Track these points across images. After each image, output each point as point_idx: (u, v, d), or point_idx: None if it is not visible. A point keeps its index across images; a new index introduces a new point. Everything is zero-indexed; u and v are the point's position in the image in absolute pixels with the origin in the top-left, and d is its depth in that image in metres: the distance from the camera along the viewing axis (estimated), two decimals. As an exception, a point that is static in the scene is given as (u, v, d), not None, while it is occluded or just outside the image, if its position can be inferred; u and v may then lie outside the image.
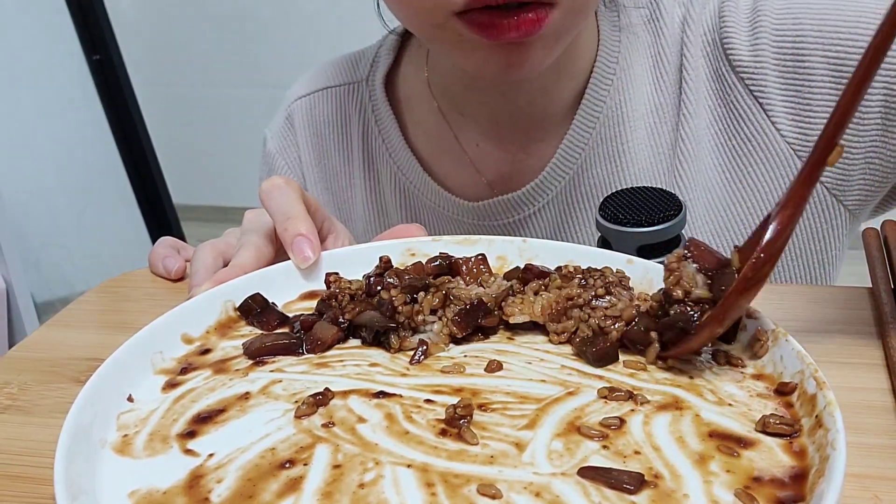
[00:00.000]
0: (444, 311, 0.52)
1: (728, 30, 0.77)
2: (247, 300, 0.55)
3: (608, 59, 0.79)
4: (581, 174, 0.81)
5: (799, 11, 0.74)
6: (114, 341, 0.49)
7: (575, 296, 0.51)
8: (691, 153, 0.79)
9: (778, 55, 0.75)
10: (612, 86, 0.79)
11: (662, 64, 0.80)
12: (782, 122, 0.76)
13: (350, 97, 0.92)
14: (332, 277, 0.57)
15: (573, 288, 0.52)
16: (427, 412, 0.44)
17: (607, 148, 0.80)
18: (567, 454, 0.40)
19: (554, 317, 0.51)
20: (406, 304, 0.52)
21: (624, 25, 0.80)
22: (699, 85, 0.78)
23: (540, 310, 0.51)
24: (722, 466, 0.39)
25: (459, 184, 0.85)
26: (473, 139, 0.84)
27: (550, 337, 0.51)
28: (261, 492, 0.39)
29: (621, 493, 0.38)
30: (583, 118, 0.79)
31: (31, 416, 0.51)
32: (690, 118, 0.78)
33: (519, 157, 0.83)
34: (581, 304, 0.51)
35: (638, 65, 0.80)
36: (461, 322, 0.51)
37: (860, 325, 0.56)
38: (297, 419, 0.44)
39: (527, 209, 0.82)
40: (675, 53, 0.79)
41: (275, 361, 0.50)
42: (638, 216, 0.60)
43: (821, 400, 0.41)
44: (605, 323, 0.50)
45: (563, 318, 0.51)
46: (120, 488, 0.40)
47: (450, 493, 0.38)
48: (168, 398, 0.47)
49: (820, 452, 0.38)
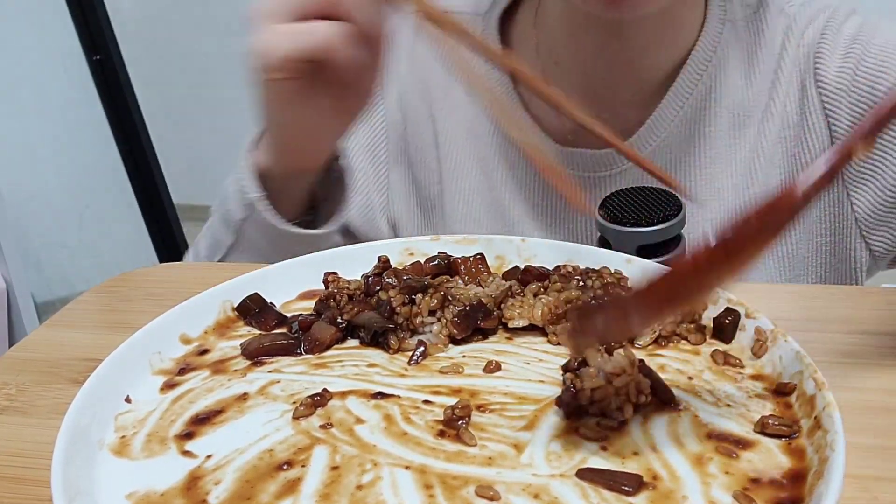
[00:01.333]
0: (442, 312, 0.52)
1: (823, 48, 0.80)
2: (245, 300, 0.55)
3: (709, 44, 0.81)
4: (663, 148, 0.82)
5: (887, 53, 0.78)
6: (112, 341, 0.49)
7: (574, 298, 0.51)
8: (769, 150, 0.81)
9: (856, 85, 0.78)
10: (706, 70, 0.81)
11: (757, 63, 0.82)
12: None
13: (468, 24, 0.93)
14: (330, 277, 0.57)
15: (572, 290, 0.52)
16: (425, 413, 0.44)
17: (692, 128, 0.82)
18: (566, 455, 0.40)
19: (553, 319, 0.51)
20: (404, 304, 0.52)
21: (729, 18, 0.83)
22: (788, 90, 0.81)
23: (540, 315, 0.51)
24: (720, 468, 0.39)
25: (547, 126, 0.86)
26: (564, 90, 0.85)
27: (549, 337, 0.51)
28: (259, 493, 0.39)
29: (620, 495, 0.38)
30: (676, 93, 0.81)
31: (28, 417, 0.51)
32: (776, 118, 0.81)
33: (604, 116, 0.84)
34: None
35: (734, 57, 0.82)
36: (460, 323, 0.51)
37: (860, 324, 0.55)
38: (295, 420, 0.44)
39: (605, 170, 0.83)
40: (772, 56, 0.82)
41: (273, 362, 0.50)
42: (638, 216, 0.60)
43: (820, 401, 0.41)
44: None
45: (562, 320, 0.51)
46: (118, 490, 0.40)
47: (448, 494, 0.38)
48: (166, 399, 0.47)
49: (819, 454, 0.38)
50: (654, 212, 0.60)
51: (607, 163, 0.83)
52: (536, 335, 0.52)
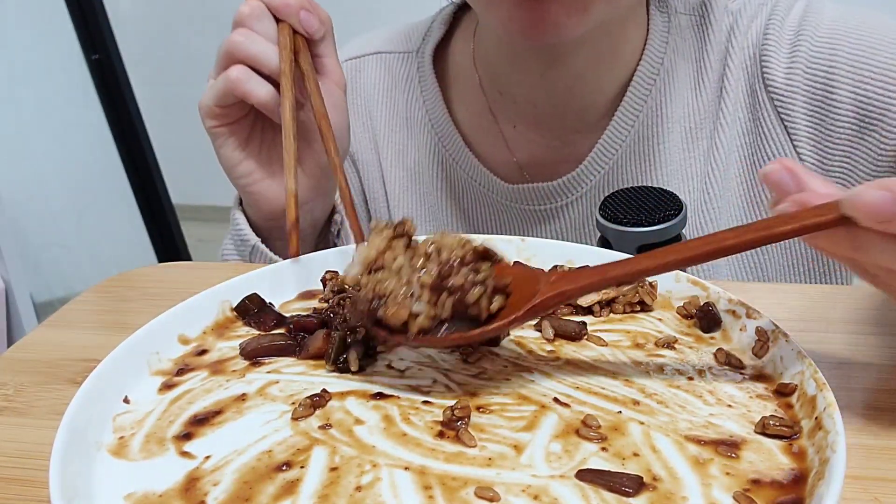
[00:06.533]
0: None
1: (768, 48, 0.77)
2: (244, 300, 0.55)
3: (654, 59, 0.80)
4: (616, 170, 0.81)
5: (837, 43, 0.75)
6: (110, 342, 0.48)
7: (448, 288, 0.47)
8: (723, 162, 0.80)
9: (809, 82, 0.76)
10: (654, 86, 0.80)
11: (705, 70, 0.80)
12: (804, 147, 0.77)
13: (399, 65, 0.92)
14: (328, 276, 0.57)
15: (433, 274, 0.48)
16: (425, 414, 0.44)
17: (643, 147, 0.81)
18: (566, 456, 0.40)
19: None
20: None
21: (673, 27, 0.81)
22: (737, 96, 0.79)
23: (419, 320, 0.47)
24: (721, 469, 0.39)
25: (497, 162, 0.86)
26: (510, 119, 0.85)
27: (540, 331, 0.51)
28: (257, 494, 0.39)
29: (620, 496, 0.37)
30: (623, 114, 0.80)
31: (26, 418, 0.51)
32: (726, 127, 0.79)
33: (554, 144, 0.84)
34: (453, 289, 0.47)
35: (682, 68, 0.81)
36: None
37: (861, 325, 0.55)
38: (293, 421, 0.44)
39: (560, 200, 0.83)
40: (718, 62, 0.80)
41: (272, 362, 0.50)
42: (638, 216, 0.60)
43: (821, 401, 0.41)
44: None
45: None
46: (116, 491, 0.40)
47: (447, 495, 0.38)
48: (164, 399, 0.47)
49: (820, 454, 0.38)
50: (654, 212, 0.60)
51: (561, 193, 0.82)
52: (533, 332, 0.52)
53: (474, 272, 0.46)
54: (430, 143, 0.89)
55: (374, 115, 0.92)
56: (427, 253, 0.46)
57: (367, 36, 0.97)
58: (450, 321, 0.45)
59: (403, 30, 0.94)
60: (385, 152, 0.92)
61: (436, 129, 0.88)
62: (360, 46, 0.95)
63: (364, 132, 0.92)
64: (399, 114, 0.91)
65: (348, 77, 0.92)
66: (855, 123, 0.75)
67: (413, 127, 0.90)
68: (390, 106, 0.92)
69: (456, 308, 0.45)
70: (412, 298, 0.45)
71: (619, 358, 0.49)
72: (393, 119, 0.92)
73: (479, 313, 0.45)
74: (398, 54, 0.92)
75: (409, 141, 0.90)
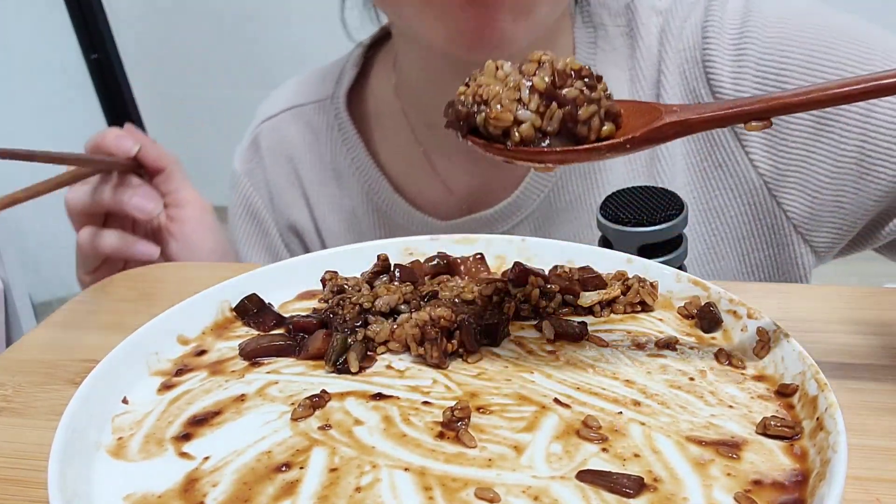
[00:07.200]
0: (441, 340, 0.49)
1: (711, 52, 0.74)
2: (243, 301, 0.55)
3: None
4: (557, 191, 0.79)
5: (787, 44, 0.72)
6: (109, 342, 0.48)
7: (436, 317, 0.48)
8: (667, 172, 0.77)
9: (759, 86, 0.73)
10: None
11: (639, 79, 0.78)
12: (757, 153, 0.75)
13: (317, 116, 0.90)
14: (328, 275, 0.57)
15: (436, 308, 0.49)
16: (425, 414, 0.44)
17: (583, 165, 0.78)
18: (566, 457, 0.40)
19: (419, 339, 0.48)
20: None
21: (601, 37, 0.78)
22: (676, 101, 0.76)
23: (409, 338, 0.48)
24: (722, 470, 0.39)
25: (431, 201, 0.84)
26: (444, 153, 0.83)
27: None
28: (257, 495, 0.38)
29: (621, 497, 0.37)
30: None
31: (25, 419, 0.51)
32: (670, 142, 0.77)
33: (490, 172, 0.81)
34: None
35: (615, 79, 0.78)
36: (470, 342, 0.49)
37: (862, 325, 0.55)
38: (293, 421, 0.44)
39: (501, 227, 0.81)
40: (652, 67, 0.77)
41: (271, 363, 0.50)
42: (639, 216, 0.60)
43: (822, 402, 0.41)
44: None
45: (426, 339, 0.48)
46: (115, 492, 0.39)
47: (447, 496, 0.38)
48: (163, 400, 0.47)
49: (821, 455, 0.38)
50: (655, 211, 0.60)
51: (501, 219, 0.81)
52: (534, 332, 0.52)
53: (590, 89, 0.42)
54: (362, 192, 0.87)
55: (301, 173, 0.91)
56: (540, 61, 0.43)
57: (278, 92, 0.95)
58: (553, 138, 0.42)
59: (314, 76, 0.92)
60: (318, 207, 0.90)
61: (363, 177, 0.86)
62: (273, 104, 0.93)
63: (294, 191, 0.91)
64: (326, 166, 0.89)
65: (268, 139, 0.92)
66: (811, 126, 0.73)
67: (342, 177, 0.88)
68: (316, 160, 0.90)
69: (565, 122, 0.41)
70: (519, 104, 0.42)
71: (619, 358, 0.48)
72: (322, 173, 0.90)
73: (587, 134, 0.42)
74: (313, 105, 0.90)
75: (340, 192, 0.89)
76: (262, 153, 0.93)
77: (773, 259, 0.78)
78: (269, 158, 0.92)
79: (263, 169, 0.93)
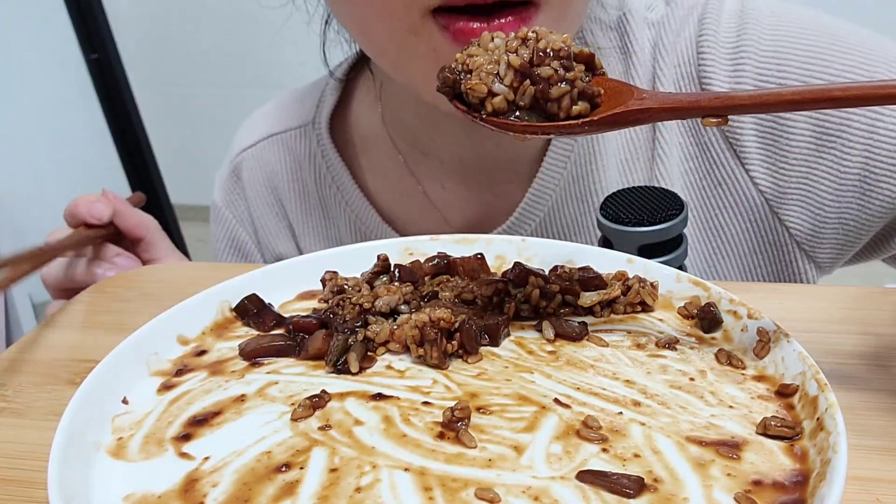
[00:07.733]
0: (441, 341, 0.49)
1: (707, 68, 0.73)
2: (243, 301, 0.55)
3: None
4: (553, 215, 0.78)
5: (784, 57, 0.71)
6: (109, 342, 0.48)
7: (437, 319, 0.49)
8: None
9: None
10: None
11: None
12: (757, 171, 0.74)
13: (298, 142, 0.87)
14: (328, 275, 0.57)
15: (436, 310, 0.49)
16: (425, 415, 0.44)
17: (579, 187, 0.77)
18: (566, 457, 0.40)
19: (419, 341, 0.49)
20: None
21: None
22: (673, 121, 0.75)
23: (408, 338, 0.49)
24: (722, 470, 0.39)
25: (423, 229, 0.81)
26: (438, 180, 0.81)
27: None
28: (256, 496, 0.38)
29: (621, 498, 0.37)
30: (553, 159, 0.76)
31: (25, 419, 0.51)
32: (665, 156, 0.75)
33: (486, 198, 0.80)
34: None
35: None
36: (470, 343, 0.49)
37: (862, 325, 0.55)
38: (293, 422, 0.44)
39: None
40: (647, 84, 0.75)
41: (271, 363, 0.50)
42: (639, 216, 0.60)
43: (822, 402, 0.40)
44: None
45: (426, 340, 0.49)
46: (114, 492, 0.39)
47: (448, 496, 0.38)
48: (163, 400, 0.47)
49: (821, 455, 0.38)
50: (655, 211, 0.60)
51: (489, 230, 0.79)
52: (534, 333, 0.52)
53: (565, 69, 0.45)
54: (349, 222, 0.85)
55: (284, 203, 0.88)
56: (525, 38, 0.46)
57: (253, 120, 0.92)
58: (527, 111, 0.45)
59: (291, 101, 0.89)
60: (304, 238, 0.88)
61: (350, 206, 0.84)
62: (250, 132, 0.91)
63: (279, 222, 0.89)
64: (311, 195, 0.87)
65: (249, 169, 0.89)
66: (812, 141, 0.71)
67: (328, 207, 0.86)
68: (299, 189, 0.87)
69: (536, 99, 0.45)
70: (496, 77, 0.45)
71: (619, 359, 0.48)
72: (306, 202, 0.87)
73: (556, 112, 0.45)
74: (293, 131, 0.87)
75: (326, 221, 0.86)
76: (244, 184, 0.90)
77: (777, 276, 0.78)
78: (251, 189, 0.89)
79: (246, 200, 0.90)
